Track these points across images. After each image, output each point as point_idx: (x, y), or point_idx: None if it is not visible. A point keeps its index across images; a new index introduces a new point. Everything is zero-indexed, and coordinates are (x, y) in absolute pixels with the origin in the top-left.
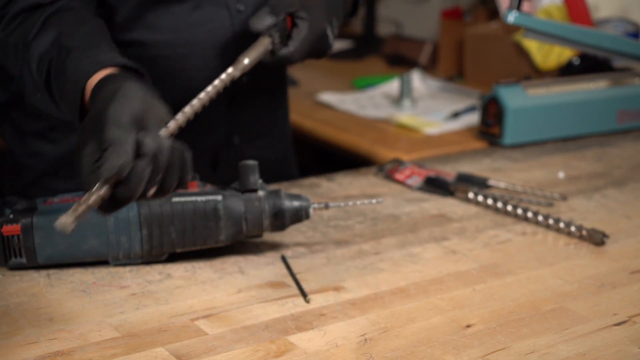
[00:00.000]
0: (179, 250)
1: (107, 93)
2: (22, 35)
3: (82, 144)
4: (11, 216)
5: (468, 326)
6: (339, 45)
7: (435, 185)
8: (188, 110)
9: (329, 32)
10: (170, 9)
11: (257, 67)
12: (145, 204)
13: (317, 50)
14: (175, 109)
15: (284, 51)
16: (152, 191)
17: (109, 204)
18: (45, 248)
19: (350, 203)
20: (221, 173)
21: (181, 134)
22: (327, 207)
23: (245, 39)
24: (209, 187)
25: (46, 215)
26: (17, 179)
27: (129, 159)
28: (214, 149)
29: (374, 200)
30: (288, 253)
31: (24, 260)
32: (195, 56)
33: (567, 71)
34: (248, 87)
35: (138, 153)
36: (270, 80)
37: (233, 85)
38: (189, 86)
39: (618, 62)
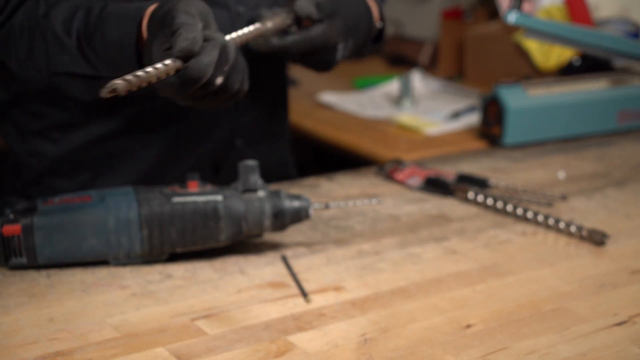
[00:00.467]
0: (179, 250)
1: (171, 2)
2: (27, 16)
3: (152, 38)
4: (11, 216)
5: (468, 326)
6: None
7: (435, 185)
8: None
9: (340, 47)
10: None
11: (258, 68)
12: (146, 204)
13: (320, 60)
14: (175, 110)
15: (278, 41)
16: (219, 80)
17: (178, 80)
18: (46, 248)
19: (351, 203)
20: (223, 176)
21: (182, 137)
22: (327, 207)
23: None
24: (209, 187)
25: (47, 216)
26: (17, 178)
27: (199, 35)
28: (215, 152)
29: (374, 201)
30: (288, 253)
31: (24, 260)
32: None
33: (567, 71)
34: (249, 89)
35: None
36: (271, 82)
37: None
38: None
39: (618, 62)
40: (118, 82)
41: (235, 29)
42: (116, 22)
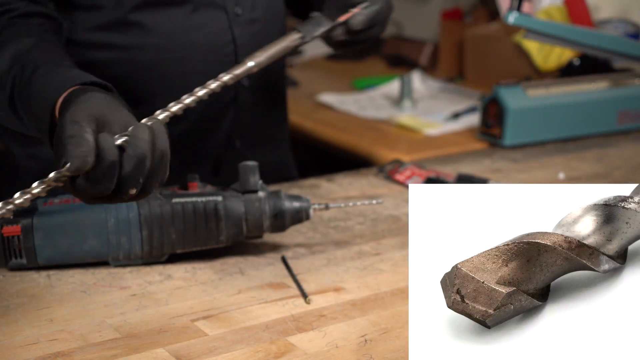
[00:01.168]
0: (179, 251)
1: (70, 103)
2: None
3: (54, 161)
4: (11, 217)
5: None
6: None
7: None
8: (178, 107)
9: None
10: (167, 12)
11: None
12: (146, 205)
13: (374, 32)
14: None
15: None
16: (133, 191)
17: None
18: (46, 249)
19: (351, 204)
20: (223, 177)
21: (182, 139)
22: (327, 207)
23: (243, 42)
24: (209, 188)
25: (46, 216)
26: (16, 180)
27: (90, 147)
28: (215, 153)
29: (374, 201)
30: (288, 254)
31: (24, 261)
32: (193, 60)
33: (567, 72)
34: (249, 90)
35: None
36: (270, 83)
37: (233, 88)
38: (186, 90)
39: (618, 63)
40: None
41: (233, 31)
42: (37, 95)
